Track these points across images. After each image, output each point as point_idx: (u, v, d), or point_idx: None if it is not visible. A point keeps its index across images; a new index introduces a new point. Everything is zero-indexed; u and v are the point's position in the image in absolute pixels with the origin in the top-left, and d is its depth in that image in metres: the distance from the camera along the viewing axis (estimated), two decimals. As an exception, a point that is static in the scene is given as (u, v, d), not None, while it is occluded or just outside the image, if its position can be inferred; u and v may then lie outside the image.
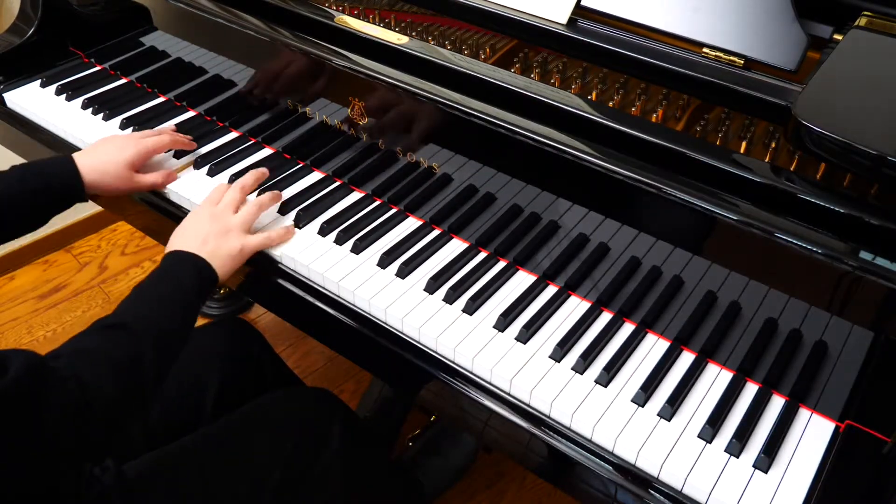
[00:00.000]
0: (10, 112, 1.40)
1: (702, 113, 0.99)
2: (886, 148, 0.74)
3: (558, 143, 0.93)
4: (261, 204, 1.09)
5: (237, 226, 1.04)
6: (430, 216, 1.13)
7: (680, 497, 0.83)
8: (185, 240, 1.02)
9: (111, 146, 1.14)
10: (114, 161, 1.12)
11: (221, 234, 1.02)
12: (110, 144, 1.15)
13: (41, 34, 1.45)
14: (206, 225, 1.03)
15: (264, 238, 1.06)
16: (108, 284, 2.10)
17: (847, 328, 0.83)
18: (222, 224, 1.03)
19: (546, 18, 1.06)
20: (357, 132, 1.14)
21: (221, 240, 1.02)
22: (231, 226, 1.04)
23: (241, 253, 1.03)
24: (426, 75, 1.03)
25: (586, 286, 1.02)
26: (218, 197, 1.08)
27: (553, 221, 1.01)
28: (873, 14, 0.93)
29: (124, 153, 1.13)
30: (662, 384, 0.92)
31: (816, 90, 0.83)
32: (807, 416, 0.89)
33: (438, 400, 0.99)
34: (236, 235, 1.03)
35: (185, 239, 1.02)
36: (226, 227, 1.03)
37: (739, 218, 0.83)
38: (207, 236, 1.01)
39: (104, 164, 1.11)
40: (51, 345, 1.91)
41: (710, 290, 0.92)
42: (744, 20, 0.95)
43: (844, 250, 0.78)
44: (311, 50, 1.11)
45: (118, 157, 1.13)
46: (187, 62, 1.33)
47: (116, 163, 1.12)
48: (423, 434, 1.59)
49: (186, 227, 1.04)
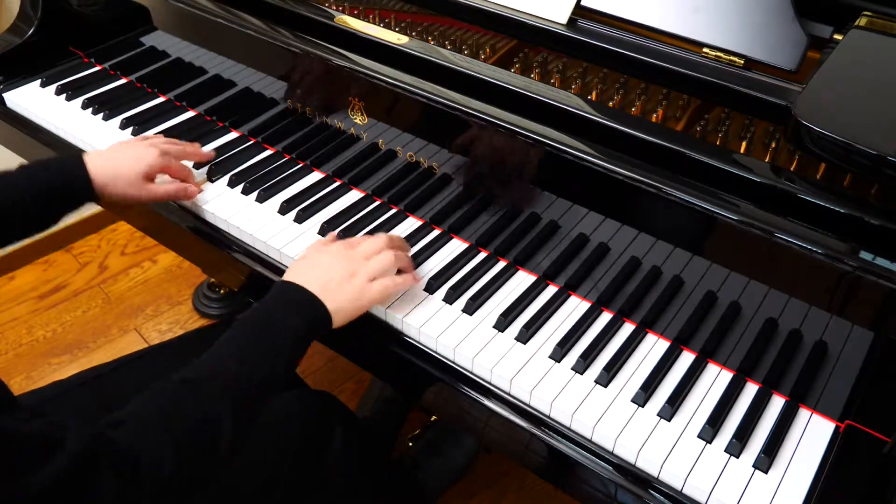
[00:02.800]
0: (10, 112, 1.40)
1: (702, 113, 0.99)
2: (886, 148, 0.74)
3: (558, 143, 0.93)
4: (398, 258, 0.98)
5: (367, 274, 0.94)
6: (430, 216, 1.13)
7: (680, 497, 0.83)
8: (305, 274, 0.92)
9: (130, 153, 1.10)
10: (129, 168, 1.08)
11: (346, 278, 0.92)
12: (129, 151, 1.10)
13: (41, 34, 1.45)
14: (333, 264, 0.93)
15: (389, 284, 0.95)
16: (108, 284, 2.10)
17: (847, 328, 0.83)
18: (352, 268, 0.93)
19: (546, 18, 1.06)
20: (358, 133, 1.14)
21: (346, 284, 0.91)
22: (360, 274, 0.93)
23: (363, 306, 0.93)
24: (426, 75, 1.03)
25: (586, 286, 1.02)
26: (357, 241, 0.99)
27: (553, 221, 1.01)
28: (873, 14, 0.93)
29: (142, 163, 1.09)
30: (662, 384, 0.92)
31: (816, 90, 0.83)
32: (807, 416, 0.89)
33: (438, 400, 0.99)
34: (360, 283, 0.92)
35: (306, 273, 0.92)
36: (354, 271, 0.93)
37: (739, 218, 0.83)
38: (332, 278, 0.91)
39: (117, 169, 1.07)
40: (50, 345, 1.94)
41: (710, 290, 0.92)
42: (744, 20, 0.95)
43: (844, 250, 0.78)
44: (311, 50, 1.11)
45: (135, 165, 1.08)
46: (187, 62, 1.33)
47: (132, 170, 1.08)
48: (423, 434, 1.59)
49: (310, 262, 0.95)
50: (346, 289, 0.91)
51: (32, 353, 1.91)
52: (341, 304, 0.91)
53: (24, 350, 1.91)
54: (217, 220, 1.15)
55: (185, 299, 2.04)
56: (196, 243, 1.18)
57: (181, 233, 1.19)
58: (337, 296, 0.90)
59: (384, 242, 0.98)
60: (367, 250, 0.96)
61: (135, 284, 2.09)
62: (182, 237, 1.21)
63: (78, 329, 1.97)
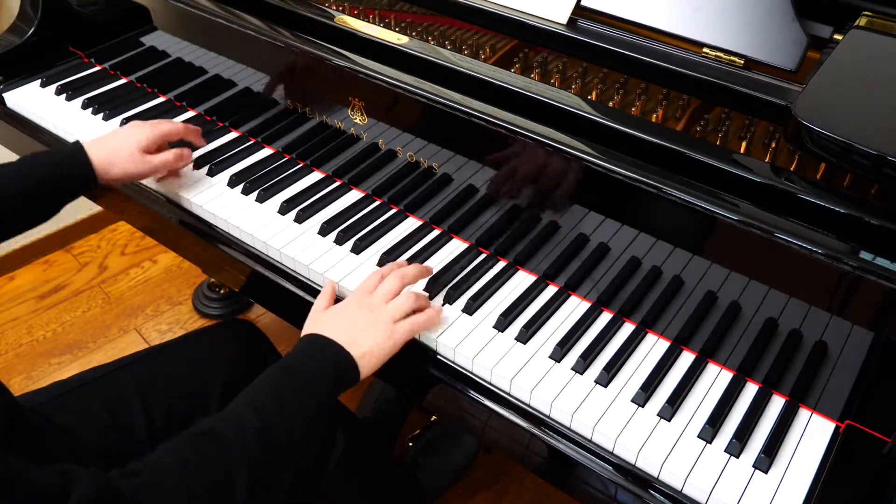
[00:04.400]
0: (10, 112, 1.40)
1: (702, 113, 0.99)
2: (886, 148, 0.74)
3: (558, 143, 0.93)
4: (417, 297, 0.96)
5: (390, 317, 0.92)
6: (430, 216, 1.13)
7: (680, 497, 0.83)
8: (330, 326, 0.90)
9: (124, 132, 1.14)
10: (126, 144, 1.11)
11: (371, 325, 0.91)
12: (124, 131, 1.14)
13: (41, 34, 1.45)
14: (356, 316, 0.91)
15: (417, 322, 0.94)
16: (108, 284, 2.10)
17: (847, 328, 0.83)
18: (374, 316, 0.92)
19: (546, 18, 1.06)
20: (358, 133, 1.14)
21: (371, 331, 0.90)
22: (384, 317, 0.92)
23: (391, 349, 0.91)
24: (426, 75, 1.03)
25: (586, 286, 1.02)
26: (372, 286, 0.96)
27: (553, 221, 1.01)
28: (873, 14, 0.93)
29: (137, 136, 1.12)
30: (662, 384, 0.92)
31: (816, 90, 0.83)
32: (807, 416, 0.89)
33: (438, 400, 0.99)
34: (385, 326, 0.91)
35: (332, 326, 0.90)
36: (377, 318, 0.92)
37: (739, 218, 0.83)
38: (358, 330, 0.89)
39: (115, 149, 1.11)
40: (50, 345, 1.94)
41: (710, 290, 0.92)
42: (744, 20, 0.95)
43: (844, 250, 0.78)
44: (311, 50, 1.11)
45: (130, 141, 1.12)
46: (187, 62, 1.33)
47: (129, 146, 1.11)
48: (423, 434, 1.59)
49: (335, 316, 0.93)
50: (372, 334, 0.90)
51: (32, 353, 1.91)
52: (369, 348, 0.89)
53: (24, 350, 1.91)
54: (217, 220, 1.15)
55: (185, 299, 2.04)
56: (196, 243, 1.18)
57: (181, 232, 1.19)
58: (364, 345, 0.89)
59: (399, 282, 0.96)
60: (385, 293, 0.94)
61: (135, 284, 2.09)
62: (182, 237, 1.21)
63: (78, 329, 1.97)
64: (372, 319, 0.91)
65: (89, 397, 1.04)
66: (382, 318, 0.92)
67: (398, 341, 0.92)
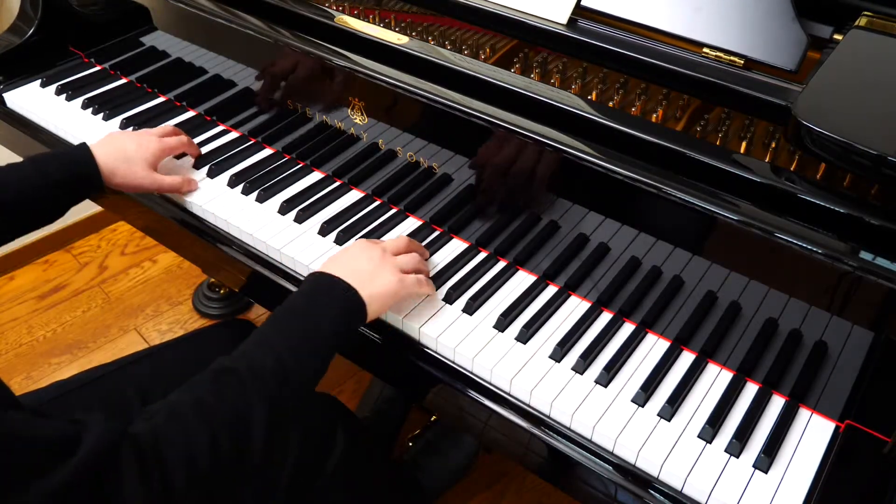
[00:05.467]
0: (10, 112, 1.40)
1: (702, 113, 0.99)
2: (886, 148, 0.74)
3: (558, 143, 0.93)
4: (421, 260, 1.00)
5: (396, 265, 0.95)
6: (430, 216, 1.13)
7: (680, 497, 0.83)
8: (340, 267, 0.92)
9: (131, 141, 1.13)
10: (133, 157, 1.11)
11: (379, 270, 0.93)
12: (130, 140, 1.14)
13: (41, 34, 1.45)
14: (366, 262, 0.93)
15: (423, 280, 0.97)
16: (108, 284, 2.10)
17: (847, 328, 0.83)
18: (381, 259, 0.94)
19: (546, 18, 1.06)
20: (358, 133, 1.14)
21: (379, 276, 0.92)
22: (389, 263, 0.94)
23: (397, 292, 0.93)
24: (426, 75, 1.03)
25: (586, 286, 1.02)
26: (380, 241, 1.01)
27: (553, 221, 1.01)
28: (873, 14, 0.93)
29: (144, 150, 1.12)
30: (662, 384, 0.92)
31: (816, 90, 0.83)
32: (807, 416, 0.89)
33: (438, 400, 0.99)
34: (391, 271, 0.93)
35: (338, 266, 0.92)
36: (384, 261, 0.94)
37: (739, 218, 0.83)
38: (367, 273, 0.91)
39: (122, 157, 1.10)
40: (50, 345, 1.94)
41: (710, 290, 0.92)
42: (744, 20, 0.95)
43: (844, 250, 0.78)
44: (311, 50, 1.11)
45: (137, 154, 1.12)
46: (187, 62, 1.34)
47: (135, 159, 1.11)
48: (423, 434, 1.59)
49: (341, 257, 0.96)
50: (380, 279, 0.92)
51: (32, 353, 1.91)
52: (378, 291, 0.91)
53: (24, 350, 1.91)
54: (217, 220, 1.15)
55: (185, 299, 2.04)
56: (196, 243, 1.18)
57: (181, 233, 1.19)
58: (373, 284, 0.91)
59: (407, 243, 1.01)
60: (394, 246, 0.98)
61: (135, 284, 2.09)
62: (182, 237, 1.21)
63: (78, 329, 1.97)
64: (380, 265, 0.93)
65: (89, 397, 1.04)
66: (389, 266, 0.94)
67: (408, 288, 0.94)
